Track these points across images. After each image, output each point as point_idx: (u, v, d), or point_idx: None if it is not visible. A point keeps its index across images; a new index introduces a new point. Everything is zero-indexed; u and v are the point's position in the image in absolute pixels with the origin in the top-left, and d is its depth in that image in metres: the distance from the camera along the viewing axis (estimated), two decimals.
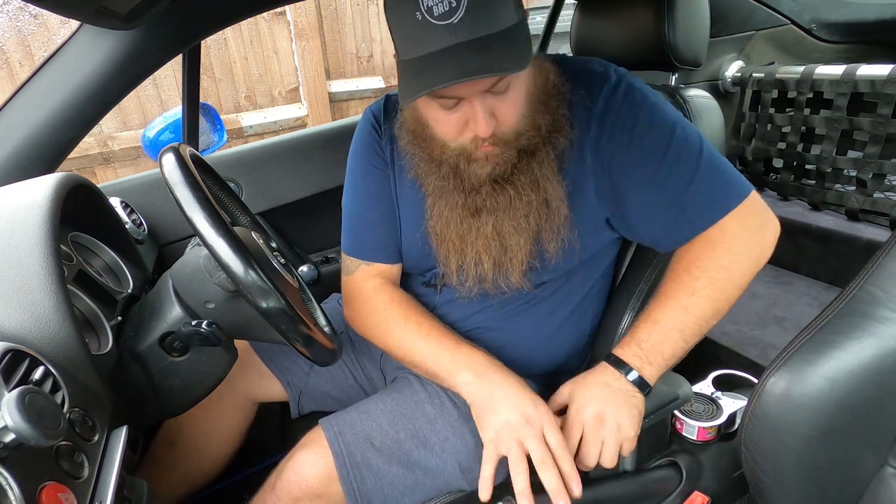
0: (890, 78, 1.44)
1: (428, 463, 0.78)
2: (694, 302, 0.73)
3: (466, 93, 0.66)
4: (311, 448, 0.79)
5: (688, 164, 0.73)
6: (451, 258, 0.81)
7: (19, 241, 0.60)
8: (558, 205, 0.76)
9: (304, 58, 3.40)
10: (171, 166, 0.61)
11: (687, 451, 0.85)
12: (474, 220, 0.77)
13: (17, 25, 2.64)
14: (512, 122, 0.71)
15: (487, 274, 0.79)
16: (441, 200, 0.79)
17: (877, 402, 0.54)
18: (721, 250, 0.73)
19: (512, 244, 0.77)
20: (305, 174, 1.38)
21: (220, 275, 0.68)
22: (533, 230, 0.76)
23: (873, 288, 0.54)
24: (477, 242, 0.78)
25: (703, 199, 0.73)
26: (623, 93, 0.75)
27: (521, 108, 0.71)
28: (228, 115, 3.29)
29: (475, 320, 0.88)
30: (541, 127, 0.73)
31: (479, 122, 0.67)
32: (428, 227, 0.82)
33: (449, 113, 0.69)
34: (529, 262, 0.78)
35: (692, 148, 0.74)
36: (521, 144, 0.73)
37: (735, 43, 1.80)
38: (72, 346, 0.56)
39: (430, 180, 0.79)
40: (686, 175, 0.73)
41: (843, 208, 1.63)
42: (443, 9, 0.59)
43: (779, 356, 0.58)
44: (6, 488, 0.42)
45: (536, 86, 0.73)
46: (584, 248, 0.80)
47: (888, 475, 0.55)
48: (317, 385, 0.99)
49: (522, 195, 0.75)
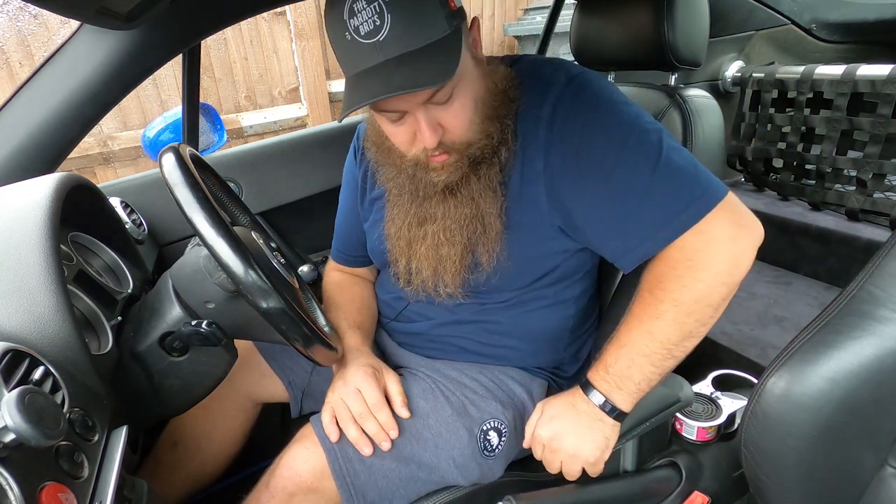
0: (890, 78, 1.44)
1: (422, 457, 0.79)
2: (658, 326, 0.67)
3: (407, 106, 0.66)
4: (303, 443, 0.79)
5: (641, 174, 0.67)
6: (400, 261, 0.84)
7: (19, 241, 0.60)
8: (492, 220, 0.75)
9: (304, 58, 3.40)
10: (171, 166, 0.62)
11: (687, 452, 0.85)
12: (419, 229, 0.80)
13: (17, 25, 2.64)
14: (460, 132, 0.70)
15: (428, 281, 0.81)
16: (396, 206, 0.83)
17: (877, 402, 0.54)
18: (682, 269, 0.66)
19: (444, 254, 0.78)
20: (305, 174, 1.38)
21: (220, 275, 0.68)
22: (465, 243, 0.77)
23: (873, 288, 0.54)
24: (420, 250, 0.80)
25: (657, 213, 0.66)
26: (572, 95, 0.72)
27: (469, 116, 0.70)
28: (228, 115, 3.29)
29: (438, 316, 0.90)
30: (492, 135, 0.72)
31: (423, 133, 0.67)
32: (384, 229, 0.86)
33: (397, 125, 0.70)
34: (463, 275, 0.79)
35: (648, 154, 0.67)
36: (473, 153, 0.72)
37: (735, 43, 1.80)
38: (72, 346, 0.56)
39: (390, 186, 0.82)
40: (639, 186, 0.67)
41: (843, 208, 1.63)
42: (368, 27, 0.60)
43: (779, 356, 0.58)
44: (6, 488, 0.42)
45: (487, 92, 0.72)
46: (525, 264, 0.79)
47: (888, 475, 0.55)
48: (318, 384, 0.99)
49: (459, 208, 0.76)
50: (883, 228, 1.55)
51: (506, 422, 0.83)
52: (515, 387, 0.87)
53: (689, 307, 0.66)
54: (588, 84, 0.73)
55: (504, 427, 0.83)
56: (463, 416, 0.81)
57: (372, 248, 0.94)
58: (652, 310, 0.68)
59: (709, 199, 0.66)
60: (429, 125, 0.67)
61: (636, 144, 0.68)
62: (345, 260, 1.05)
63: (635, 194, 0.67)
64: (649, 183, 0.67)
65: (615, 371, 0.71)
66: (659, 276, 0.69)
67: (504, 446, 0.83)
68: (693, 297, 0.66)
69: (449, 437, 0.80)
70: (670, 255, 0.67)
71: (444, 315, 0.89)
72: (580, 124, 0.70)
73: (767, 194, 1.87)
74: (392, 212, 0.84)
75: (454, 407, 0.82)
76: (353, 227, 0.99)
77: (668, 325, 0.67)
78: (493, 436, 0.82)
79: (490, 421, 0.82)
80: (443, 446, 0.79)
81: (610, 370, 0.71)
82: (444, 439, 0.80)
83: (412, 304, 0.92)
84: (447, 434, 0.80)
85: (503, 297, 0.85)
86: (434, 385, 0.84)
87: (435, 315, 0.90)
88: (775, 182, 1.84)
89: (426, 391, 0.83)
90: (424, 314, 0.92)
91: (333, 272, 1.06)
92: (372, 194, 0.92)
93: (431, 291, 0.83)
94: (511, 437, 0.83)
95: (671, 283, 0.67)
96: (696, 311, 0.67)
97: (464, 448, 0.80)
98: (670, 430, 0.88)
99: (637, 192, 0.67)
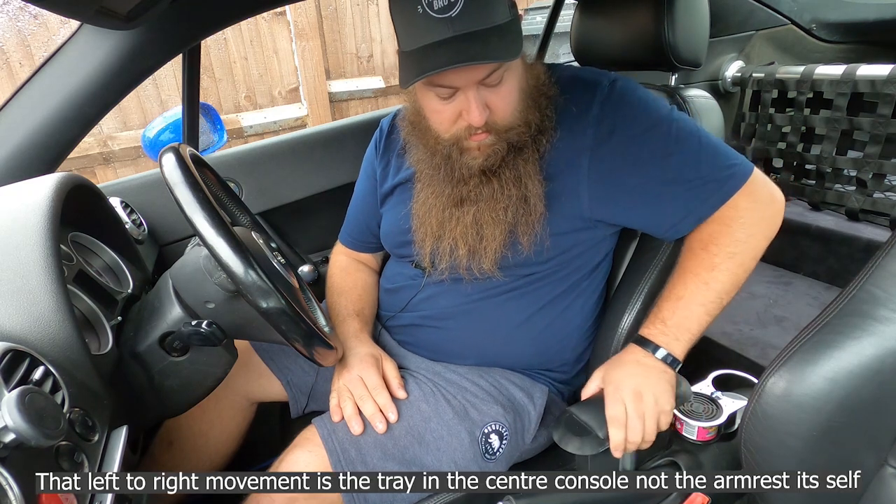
0: (890, 78, 1.44)
1: (424, 459, 0.79)
2: (714, 277, 0.76)
3: (462, 82, 0.71)
4: (305, 447, 0.79)
5: (691, 155, 0.77)
6: (426, 242, 0.86)
7: (19, 241, 0.60)
8: (536, 202, 0.79)
9: (304, 58, 3.40)
10: (171, 166, 0.62)
11: (687, 451, 0.85)
12: (456, 210, 0.82)
13: (17, 25, 2.64)
14: (504, 114, 0.75)
15: (462, 260, 0.83)
16: (428, 188, 0.85)
17: (877, 402, 0.54)
18: (736, 226, 0.76)
19: (488, 234, 0.81)
20: (305, 174, 1.38)
21: (220, 275, 0.68)
22: (510, 223, 0.80)
23: (873, 288, 0.54)
24: (455, 230, 0.82)
25: (712, 183, 0.76)
26: (617, 98, 0.79)
27: (514, 102, 0.76)
28: (228, 115, 3.29)
29: (450, 303, 0.91)
30: (531, 124, 0.77)
31: (472, 111, 0.72)
32: (412, 209, 0.88)
33: (444, 103, 0.74)
34: (503, 253, 0.82)
35: (691, 138, 0.77)
36: (511, 138, 0.76)
37: (735, 43, 1.80)
38: (72, 346, 0.56)
39: (422, 167, 0.86)
40: (691, 165, 0.76)
41: (843, 208, 1.63)
42: (442, 3, 0.65)
43: (779, 356, 0.58)
44: (6, 488, 0.42)
45: (528, 84, 0.78)
46: (556, 247, 0.83)
47: (888, 475, 0.55)
48: (320, 384, 0.99)
49: (505, 189, 0.79)
50: (883, 228, 1.55)
51: (507, 424, 0.83)
52: (516, 391, 0.87)
53: (740, 259, 0.76)
54: (627, 87, 0.81)
55: (505, 430, 0.83)
56: (464, 419, 0.81)
57: (389, 231, 0.96)
58: (707, 263, 0.77)
59: (745, 166, 0.78)
60: (478, 104, 0.72)
61: (679, 130, 0.78)
62: (353, 244, 1.08)
63: (690, 172, 0.76)
64: (699, 160, 0.77)
65: (674, 323, 0.77)
66: (712, 233, 0.78)
67: (505, 449, 0.83)
68: (744, 249, 0.76)
69: (450, 440, 0.80)
70: (723, 214, 0.77)
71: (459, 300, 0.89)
72: (629, 123, 0.78)
73: None
74: (423, 193, 0.86)
75: (455, 410, 0.82)
76: (366, 213, 1.04)
77: (723, 274, 0.76)
78: (494, 439, 0.82)
79: (491, 424, 0.82)
80: (444, 449, 0.79)
81: (668, 322, 0.77)
82: (445, 442, 0.80)
83: (424, 290, 0.93)
84: (448, 437, 0.80)
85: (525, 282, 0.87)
86: (435, 388, 0.84)
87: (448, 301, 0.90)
88: (775, 182, 1.83)
89: (428, 394, 0.83)
90: (436, 303, 0.92)
91: (340, 255, 1.10)
92: (394, 180, 0.95)
93: (463, 270, 0.84)
94: (512, 440, 0.84)
95: (725, 237, 0.76)
96: (745, 262, 0.77)
97: (465, 451, 0.80)
98: (670, 429, 0.88)
99: (692, 170, 0.76)
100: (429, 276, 0.91)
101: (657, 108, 0.79)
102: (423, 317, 0.93)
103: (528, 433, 0.86)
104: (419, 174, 0.87)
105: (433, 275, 0.89)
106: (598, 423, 0.74)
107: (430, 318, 0.92)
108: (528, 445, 0.87)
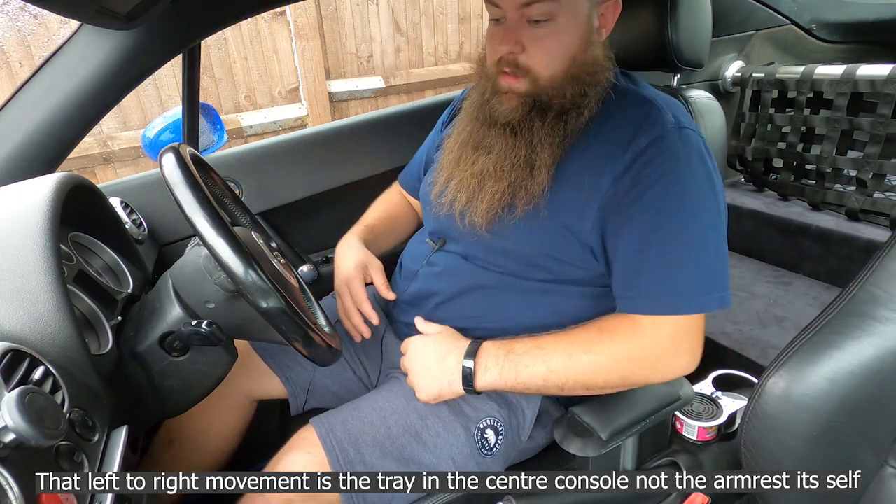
0: (890, 78, 1.44)
1: (422, 457, 0.79)
2: (579, 358, 0.72)
3: (506, 5, 0.71)
4: (303, 448, 0.78)
5: (677, 247, 0.71)
6: (443, 173, 0.88)
7: (19, 241, 0.60)
8: (541, 171, 0.76)
9: (304, 58, 3.40)
10: (171, 166, 0.61)
11: (687, 451, 0.85)
12: (472, 153, 0.83)
13: (17, 25, 2.64)
14: (539, 62, 0.74)
15: (459, 203, 0.83)
16: (462, 123, 0.87)
17: (877, 402, 0.54)
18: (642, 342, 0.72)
19: (486, 187, 0.80)
20: (305, 174, 1.38)
21: (220, 275, 0.68)
22: (511, 182, 0.78)
23: (873, 288, 0.54)
24: (465, 172, 0.82)
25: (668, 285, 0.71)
26: (672, 142, 0.72)
27: (556, 56, 0.74)
28: (228, 115, 3.29)
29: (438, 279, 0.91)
30: (566, 93, 0.75)
31: (503, 36, 0.73)
32: (444, 142, 0.92)
33: (494, 27, 0.76)
34: (497, 211, 0.80)
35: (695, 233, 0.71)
36: (541, 97, 0.75)
37: (735, 43, 1.80)
38: (72, 346, 0.56)
39: (467, 104, 0.87)
40: (671, 255, 0.71)
41: (843, 208, 1.63)
42: None
43: (779, 356, 0.58)
44: (6, 488, 0.42)
45: (582, 56, 0.75)
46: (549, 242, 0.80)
47: (888, 475, 0.55)
48: (319, 381, 0.99)
49: (517, 149, 0.77)
50: (883, 228, 1.54)
51: (501, 419, 0.83)
52: None
53: (613, 373, 0.72)
54: (689, 140, 0.74)
55: (500, 425, 0.83)
56: (459, 415, 0.81)
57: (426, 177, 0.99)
58: (588, 345, 0.73)
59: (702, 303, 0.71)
60: (510, 33, 0.72)
61: (692, 220, 0.71)
62: (404, 184, 1.14)
63: (662, 260, 0.71)
64: (680, 258, 0.71)
65: (513, 358, 0.75)
66: (621, 327, 0.73)
67: (502, 445, 0.83)
68: (622, 368, 0.72)
69: (447, 437, 0.80)
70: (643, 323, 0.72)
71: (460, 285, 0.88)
72: (663, 172, 0.71)
73: (767, 194, 1.87)
74: (457, 127, 0.88)
75: (450, 406, 0.82)
76: (421, 159, 1.09)
77: (588, 366, 0.72)
78: (490, 434, 0.82)
79: (486, 419, 0.82)
80: (441, 446, 0.79)
81: (510, 355, 0.75)
82: (442, 438, 0.80)
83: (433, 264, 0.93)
84: (445, 433, 0.80)
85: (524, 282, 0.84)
86: None
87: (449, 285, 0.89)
88: (775, 182, 1.83)
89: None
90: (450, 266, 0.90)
91: (395, 188, 1.17)
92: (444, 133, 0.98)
93: (457, 214, 0.84)
94: (508, 436, 0.84)
95: (623, 341, 0.72)
96: (611, 379, 0.73)
97: (462, 447, 0.80)
98: (670, 429, 0.88)
99: (665, 260, 0.71)
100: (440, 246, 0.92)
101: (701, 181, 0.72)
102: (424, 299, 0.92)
103: (524, 430, 0.86)
104: (463, 112, 0.88)
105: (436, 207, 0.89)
106: (602, 425, 0.74)
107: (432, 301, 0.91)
108: (524, 444, 0.87)
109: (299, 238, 1.43)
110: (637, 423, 0.76)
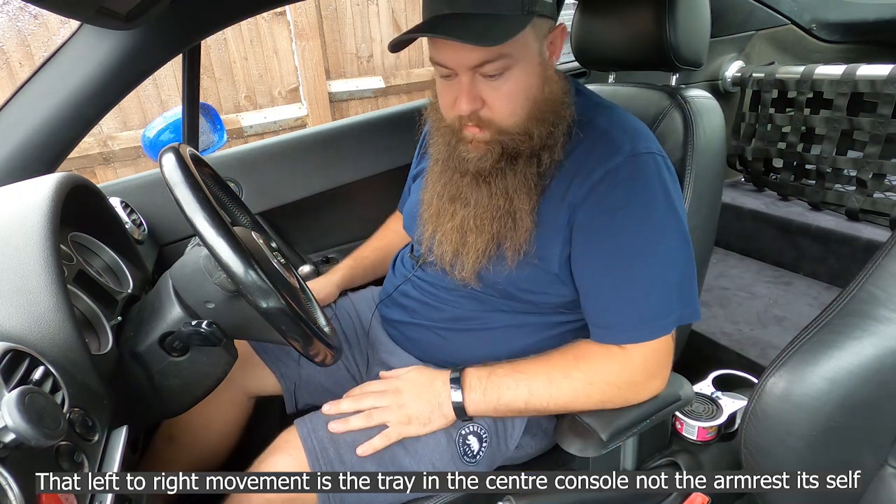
0: (890, 78, 1.44)
1: (403, 462, 0.79)
2: (560, 383, 0.75)
3: (452, 63, 0.69)
4: (285, 450, 0.78)
5: (640, 279, 0.72)
6: (427, 227, 0.86)
7: (19, 241, 0.60)
8: (523, 217, 0.75)
9: (304, 58, 3.40)
10: (171, 166, 0.61)
11: (687, 451, 0.85)
12: (449, 205, 0.81)
13: (17, 25, 2.64)
14: (502, 114, 0.72)
15: (446, 257, 0.82)
16: (433, 174, 0.85)
17: (877, 402, 0.54)
18: (615, 367, 0.74)
19: (469, 241, 0.79)
20: (305, 174, 1.38)
21: (220, 275, 0.68)
22: (495, 234, 0.77)
23: (873, 288, 0.54)
24: (446, 225, 0.81)
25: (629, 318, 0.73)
26: (627, 173, 0.72)
27: (516, 104, 0.72)
28: (228, 115, 3.29)
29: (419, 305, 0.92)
30: (532, 135, 0.73)
31: (461, 96, 0.70)
32: (421, 194, 0.89)
33: (446, 84, 0.73)
34: (483, 264, 0.79)
35: (658, 257, 0.72)
36: (507, 143, 0.73)
37: (735, 43, 1.80)
38: (72, 346, 0.56)
39: (433, 152, 0.84)
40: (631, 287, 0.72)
41: (843, 208, 1.63)
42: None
43: (779, 356, 0.58)
44: (6, 488, 0.42)
45: (541, 95, 0.73)
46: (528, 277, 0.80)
47: (888, 475, 0.55)
48: (311, 377, 0.99)
49: (493, 199, 0.76)
50: (883, 228, 1.55)
51: (486, 427, 0.82)
52: None
53: (593, 391, 0.74)
54: (644, 166, 0.73)
55: (484, 432, 0.82)
56: None
57: (408, 211, 0.99)
58: (566, 370, 0.75)
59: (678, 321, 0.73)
60: (468, 92, 0.70)
61: (653, 245, 0.72)
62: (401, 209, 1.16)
63: (625, 294, 0.73)
64: (644, 288, 0.72)
65: (496, 380, 0.76)
66: (596, 355, 0.75)
67: (486, 452, 0.82)
68: (600, 393, 0.74)
69: (427, 440, 0.79)
70: (613, 351, 0.74)
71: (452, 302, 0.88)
72: (619, 205, 0.72)
73: (767, 194, 1.87)
74: (430, 178, 0.86)
75: None
76: (409, 188, 1.10)
77: (566, 391, 0.75)
78: (472, 441, 0.81)
79: (469, 425, 0.81)
80: (422, 451, 0.79)
81: (492, 377, 0.77)
82: (422, 443, 0.79)
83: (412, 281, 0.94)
84: (426, 438, 0.79)
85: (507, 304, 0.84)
86: None
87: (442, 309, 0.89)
88: (775, 182, 1.84)
89: None
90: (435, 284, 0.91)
91: (396, 215, 1.21)
92: (421, 165, 0.98)
93: (447, 267, 0.83)
94: (493, 443, 0.83)
95: (600, 368, 0.74)
96: (589, 401, 0.75)
97: (442, 452, 0.79)
98: (670, 429, 0.88)
99: (629, 294, 0.72)
100: (422, 262, 0.92)
101: (658, 206, 0.72)
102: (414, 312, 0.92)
103: (511, 439, 0.85)
104: (432, 159, 0.86)
105: (425, 258, 0.89)
106: (602, 425, 0.74)
107: (422, 317, 0.92)
108: (511, 452, 0.85)
109: (299, 238, 1.43)
110: (637, 423, 0.76)
